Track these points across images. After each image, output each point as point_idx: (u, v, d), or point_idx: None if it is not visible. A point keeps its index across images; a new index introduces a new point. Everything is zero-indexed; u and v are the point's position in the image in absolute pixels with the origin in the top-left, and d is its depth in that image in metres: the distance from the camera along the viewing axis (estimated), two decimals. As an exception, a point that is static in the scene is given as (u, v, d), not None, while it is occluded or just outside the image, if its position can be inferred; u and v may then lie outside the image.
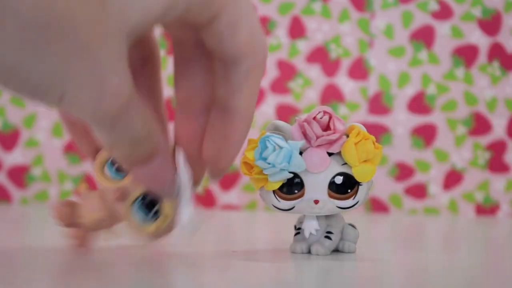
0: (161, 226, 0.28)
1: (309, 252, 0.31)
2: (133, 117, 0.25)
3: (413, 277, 0.27)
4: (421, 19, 0.68)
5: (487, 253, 0.36)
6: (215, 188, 0.67)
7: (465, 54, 0.67)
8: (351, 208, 0.30)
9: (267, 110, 0.67)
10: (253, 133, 0.29)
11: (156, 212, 0.29)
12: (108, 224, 0.30)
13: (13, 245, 0.34)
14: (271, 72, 0.68)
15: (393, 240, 0.43)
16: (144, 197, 0.29)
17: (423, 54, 0.67)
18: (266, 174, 0.29)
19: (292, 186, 0.30)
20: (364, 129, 0.29)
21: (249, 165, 0.30)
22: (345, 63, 0.68)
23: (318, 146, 0.29)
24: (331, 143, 0.29)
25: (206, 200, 0.67)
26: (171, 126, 0.30)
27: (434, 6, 0.68)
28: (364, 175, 0.29)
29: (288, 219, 0.41)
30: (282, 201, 0.30)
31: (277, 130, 0.30)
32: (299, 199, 0.30)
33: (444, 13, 0.68)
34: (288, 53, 0.68)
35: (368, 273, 0.27)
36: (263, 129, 0.31)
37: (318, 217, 0.31)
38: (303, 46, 0.68)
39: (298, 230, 0.32)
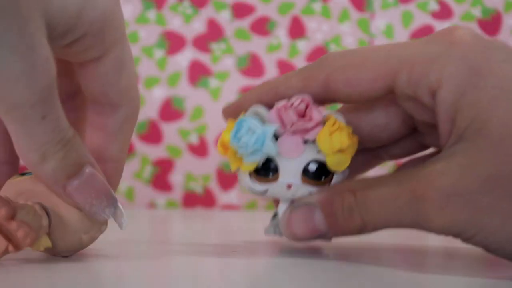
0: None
1: (282, 235, 0.32)
2: (60, 116, 0.25)
3: (413, 276, 0.27)
4: (421, 19, 0.68)
5: (487, 253, 0.36)
6: (215, 188, 0.67)
7: (465, 54, 0.67)
8: None
9: (267, 110, 0.67)
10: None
11: None
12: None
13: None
14: (271, 72, 0.68)
15: (393, 240, 0.43)
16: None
17: (423, 54, 0.67)
18: (241, 155, 0.30)
19: (267, 170, 0.30)
20: (342, 120, 0.30)
21: (224, 146, 0.30)
22: (345, 63, 0.68)
23: (294, 132, 0.29)
24: (306, 130, 0.29)
25: (206, 200, 0.67)
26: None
27: (434, 6, 0.68)
28: (337, 165, 0.29)
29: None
30: (256, 184, 0.30)
31: (256, 115, 0.30)
32: (273, 183, 0.30)
33: (444, 13, 0.68)
34: (288, 53, 0.68)
35: (367, 272, 0.27)
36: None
37: (289, 203, 0.31)
38: (303, 46, 0.68)
39: (274, 214, 0.33)
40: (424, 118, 0.30)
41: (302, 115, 0.30)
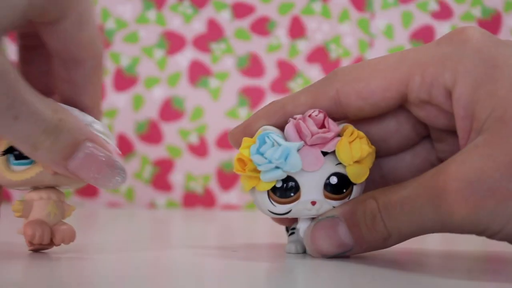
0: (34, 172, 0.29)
1: (304, 252, 0.31)
2: (37, 109, 0.26)
3: (412, 275, 0.27)
4: (421, 19, 0.68)
5: (487, 253, 0.36)
6: (215, 188, 0.67)
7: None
8: None
9: (267, 110, 0.67)
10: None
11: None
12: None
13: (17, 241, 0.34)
14: (271, 72, 0.68)
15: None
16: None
17: (423, 54, 0.67)
18: (259, 173, 0.29)
19: (287, 190, 0.29)
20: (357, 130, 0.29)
21: (243, 162, 0.29)
22: (345, 63, 0.68)
23: (312, 145, 0.29)
24: (325, 142, 0.29)
25: (206, 200, 0.67)
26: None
27: (434, 6, 0.68)
28: (357, 175, 0.29)
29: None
30: (278, 205, 0.29)
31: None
32: (296, 202, 0.29)
33: (444, 13, 0.68)
34: (288, 53, 0.68)
35: (366, 272, 0.27)
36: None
37: (310, 220, 0.30)
38: (303, 46, 0.68)
39: (292, 231, 0.32)
40: (439, 123, 0.29)
41: (321, 125, 0.29)
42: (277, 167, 0.28)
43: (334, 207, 0.29)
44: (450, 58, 0.27)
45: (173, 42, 0.68)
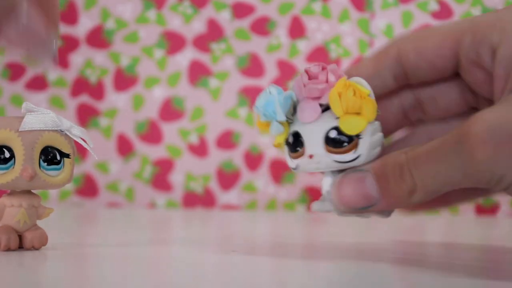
0: None
1: (329, 208, 0.30)
2: None
3: (412, 275, 0.27)
4: (421, 19, 0.68)
5: (487, 253, 0.36)
6: (215, 188, 0.67)
7: (465, 54, 0.67)
8: (353, 162, 0.29)
9: (267, 110, 0.67)
10: (252, 133, 0.29)
11: (60, 160, 0.30)
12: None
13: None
14: (271, 72, 0.68)
15: (393, 239, 0.43)
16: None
17: (423, 54, 0.67)
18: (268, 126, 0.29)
19: (294, 144, 0.29)
20: (366, 85, 0.28)
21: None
22: (345, 63, 0.68)
23: (310, 97, 0.29)
24: (320, 93, 0.29)
25: (206, 200, 0.67)
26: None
27: (434, 6, 0.68)
28: (351, 127, 0.28)
29: (288, 219, 0.42)
30: (292, 160, 0.29)
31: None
32: (302, 157, 0.29)
33: (444, 13, 0.68)
34: (288, 53, 0.68)
35: (367, 272, 0.27)
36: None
37: (334, 174, 0.30)
38: (303, 46, 0.68)
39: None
40: (486, 91, 0.30)
41: (316, 77, 0.29)
42: (270, 118, 0.29)
43: (335, 161, 0.29)
44: (501, 19, 0.28)
45: (173, 42, 0.68)
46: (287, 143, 0.29)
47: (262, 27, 0.69)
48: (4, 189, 0.29)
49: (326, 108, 0.29)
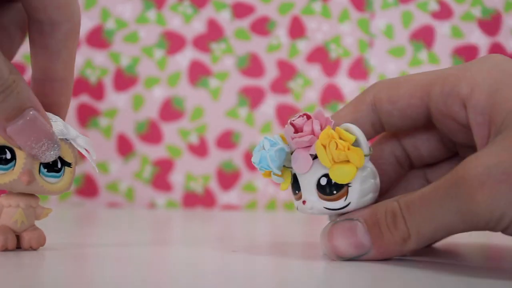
0: (70, 177, 0.30)
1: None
2: None
3: (411, 275, 0.27)
4: (421, 19, 0.68)
5: (487, 253, 0.36)
6: (215, 188, 0.67)
7: (465, 54, 0.67)
8: (343, 210, 0.30)
9: (267, 110, 0.67)
10: (252, 133, 0.29)
11: (61, 168, 0.30)
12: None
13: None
14: (271, 72, 0.68)
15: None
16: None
17: (423, 54, 0.67)
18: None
19: (295, 187, 0.30)
20: (356, 131, 0.29)
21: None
22: (345, 63, 0.68)
23: (301, 147, 0.29)
24: (309, 143, 0.29)
25: (206, 200, 0.67)
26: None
27: (434, 6, 0.68)
28: (340, 176, 0.29)
29: (288, 219, 0.42)
30: (294, 200, 0.31)
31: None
32: (299, 200, 0.30)
33: (444, 13, 0.68)
34: (288, 53, 0.68)
35: (368, 274, 0.27)
36: (262, 129, 0.31)
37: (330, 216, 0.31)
38: (303, 46, 0.68)
39: None
40: (460, 138, 0.30)
41: (301, 130, 0.29)
42: (265, 169, 0.30)
43: (326, 208, 0.29)
44: (469, 69, 0.28)
45: (173, 42, 0.68)
46: (291, 183, 0.30)
47: (262, 27, 0.69)
48: (2, 189, 0.29)
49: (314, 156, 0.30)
